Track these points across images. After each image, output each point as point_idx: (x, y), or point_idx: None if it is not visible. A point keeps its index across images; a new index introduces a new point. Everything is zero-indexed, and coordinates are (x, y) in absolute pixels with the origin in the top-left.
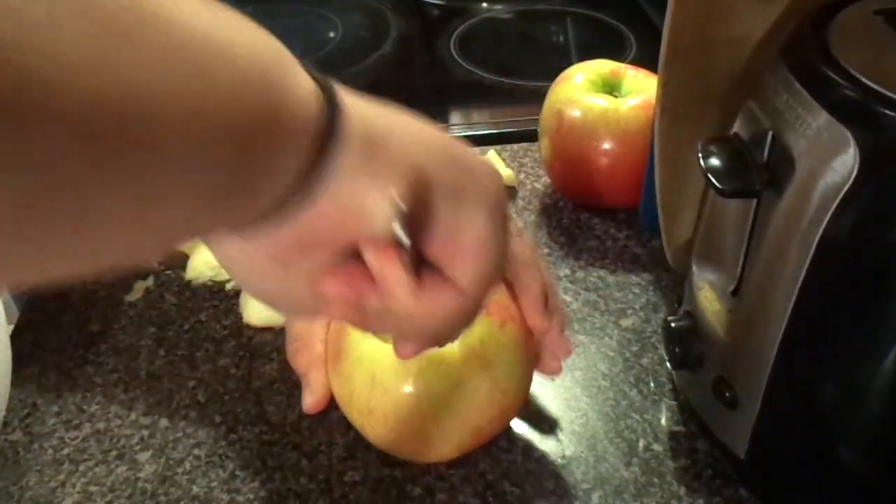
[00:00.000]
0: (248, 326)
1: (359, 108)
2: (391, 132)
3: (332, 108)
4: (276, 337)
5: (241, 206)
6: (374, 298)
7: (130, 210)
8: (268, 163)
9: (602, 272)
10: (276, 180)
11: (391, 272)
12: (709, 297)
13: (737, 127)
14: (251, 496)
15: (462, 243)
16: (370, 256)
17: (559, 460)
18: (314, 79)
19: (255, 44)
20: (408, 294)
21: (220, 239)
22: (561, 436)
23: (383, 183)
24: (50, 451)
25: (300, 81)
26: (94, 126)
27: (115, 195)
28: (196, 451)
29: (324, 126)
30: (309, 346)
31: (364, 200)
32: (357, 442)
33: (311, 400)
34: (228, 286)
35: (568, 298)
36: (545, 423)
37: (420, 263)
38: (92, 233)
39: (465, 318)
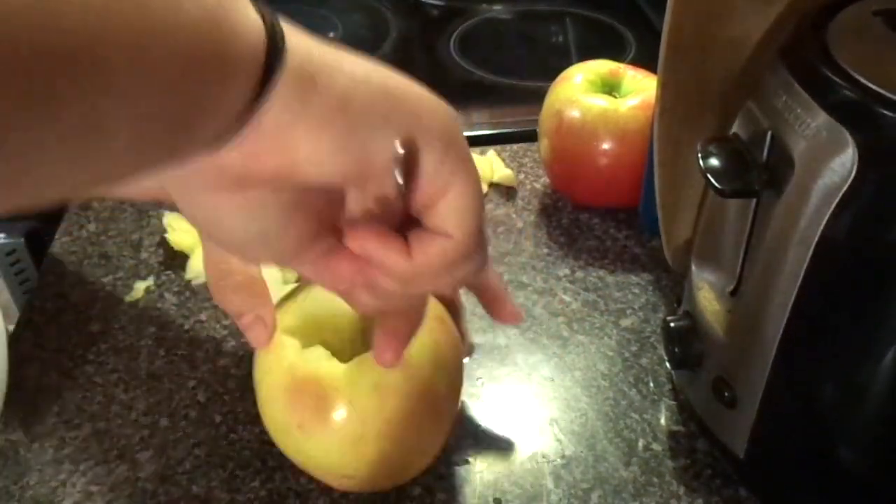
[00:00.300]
0: None
1: (305, 46)
2: (336, 72)
3: (274, 45)
4: None
5: (183, 136)
6: (381, 278)
7: (71, 142)
8: (208, 95)
9: (601, 272)
10: (218, 113)
11: (375, 246)
12: (708, 297)
13: (736, 127)
14: (251, 496)
15: (431, 185)
16: (351, 242)
17: (559, 460)
18: (262, 14)
19: None
20: (398, 258)
21: (182, 189)
22: (560, 435)
23: (316, 125)
24: (50, 450)
25: (245, 16)
26: (28, 60)
27: (52, 126)
28: (196, 451)
29: (265, 62)
30: (250, 279)
31: (294, 138)
32: None
33: (265, 334)
34: None
35: (567, 298)
36: (545, 423)
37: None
38: (33, 166)
39: (464, 261)
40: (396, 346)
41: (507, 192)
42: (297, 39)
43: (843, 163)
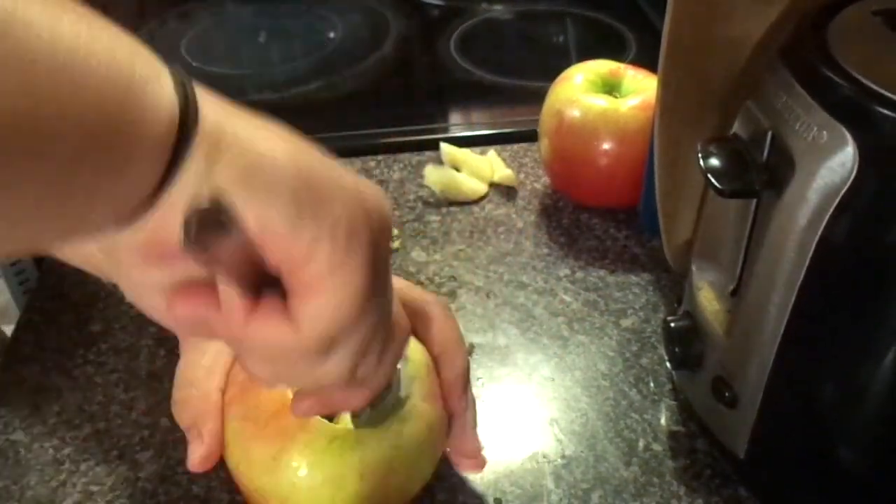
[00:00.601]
0: None
1: (219, 116)
2: (244, 139)
3: (186, 120)
4: None
5: (89, 205)
6: (220, 322)
7: None
8: (114, 167)
9: (602, 272)
10: (124, 186)
11: (223, 286)
12: (708, 297)
13: (736, 127)
14: None
15: (303, 273)
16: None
17: (559, 460)
18: (177, 84)
19: (110, 49)
20: (231, 310)
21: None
22: (561, 435)
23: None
24: (50, 450)
25: (155, 90)
26: None
27: None
28: None
29: (176, 137)
30: (204, 395)
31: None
32: None
33: (200, 452)
34: None
35: (568, 298)
36: (545, 423)
37: (272, 285)
38: None
39: (299, 360)
40: (313, 406)
41: (507, 192)
42: (212, 110)
43: (844, 163)
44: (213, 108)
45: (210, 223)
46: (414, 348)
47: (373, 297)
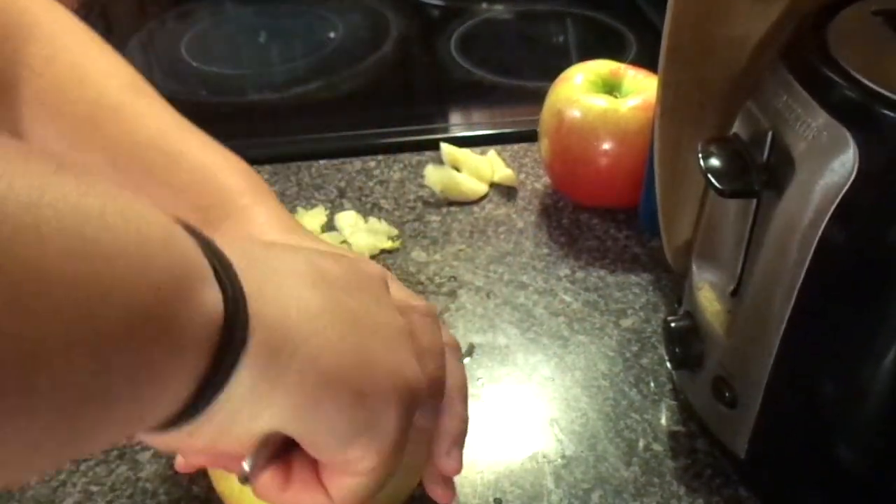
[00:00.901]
0: None
1: (273, 319)
2: (306, 334)
3: (233, 324)
4: None
5: (131, 409)
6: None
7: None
8: (153, 370)
9: (602, 272)
10: (166, 389)
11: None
12: (708, 297)
13: (736, 127)
14: None
15: (338, 465)
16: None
17: (559, 460)
18: (225, 288)
19: (156, 250)
20: (266, 486)
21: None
22: (561, 436)
23: (278, 409)
24: None
25: (202, 295)
26: None
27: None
28: None
29: (222, 341)
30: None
31: (255, 425)
32: None
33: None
34: None
35: (568, 298)
36: (545, 423)
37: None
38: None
39: None
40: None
41: (507, 192)
42: (270, 309)
43: (844, 163)
44: (272, 300)
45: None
46: None
47: (404, 445)
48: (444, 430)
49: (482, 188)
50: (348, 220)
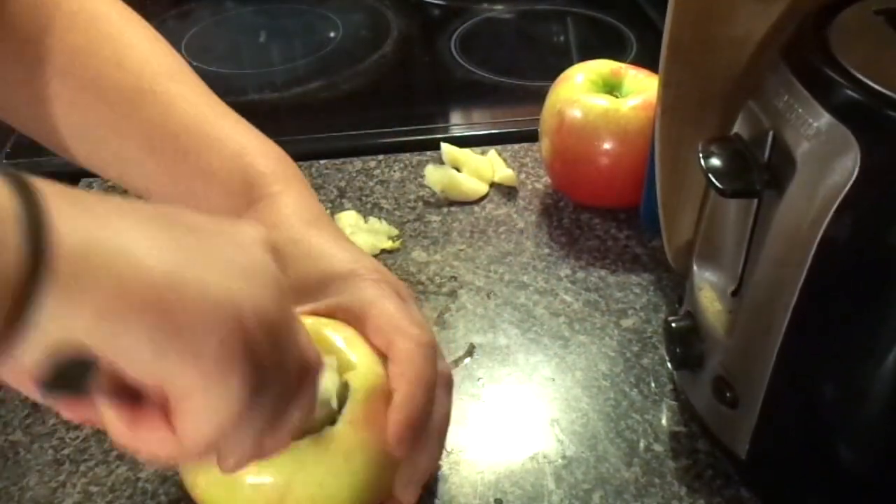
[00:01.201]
0: None
1: (81, 228)
2: (111, 251)
3: (36, 256)
4: None
5: None
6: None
7: None
8: None
9: (602, 272)
10: None
11: (103, 413)
12: (709, 297)
13: (737, 127)
14: None
15: (173, 391)
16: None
17: (560, 460)
18: (27, 216)
19: None
20: (112, 423)
21: None
22: (561, 436)
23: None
24: (50, 451)
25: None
26: None
27: None
28: None
29: (24, 276)
30: None
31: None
32: None
33: None
34: None
35: (568, 298)
36: (546, 424)
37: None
38: None
39: (194, 459)
40: (237, 464)
41: (508, 192)
42: (72, 224)
43: (846, 163)
44: (73, 220)
45: (71, 368)
46: (366, 372)
47: (260, 391)
48: (413, 463)
49: (483, 188)
50: (349, 220)
